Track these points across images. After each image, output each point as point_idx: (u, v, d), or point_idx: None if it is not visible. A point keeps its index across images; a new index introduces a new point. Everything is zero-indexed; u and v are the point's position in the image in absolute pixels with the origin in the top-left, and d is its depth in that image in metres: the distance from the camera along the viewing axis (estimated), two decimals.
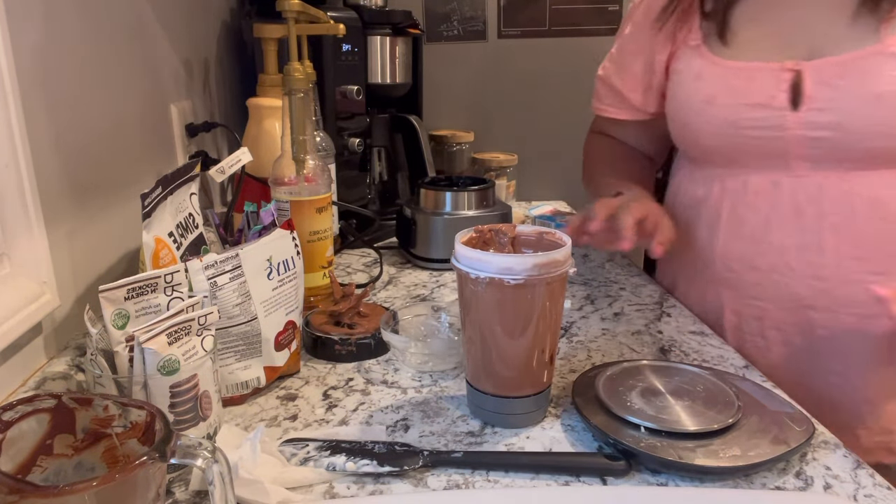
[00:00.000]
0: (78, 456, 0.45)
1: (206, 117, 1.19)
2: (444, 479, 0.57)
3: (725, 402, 0.62)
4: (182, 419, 0.55)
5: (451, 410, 0.68)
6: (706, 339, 0.84)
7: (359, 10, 1.21)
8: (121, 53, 0.86)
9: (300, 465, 0.58)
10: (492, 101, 1.61)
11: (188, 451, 0.42)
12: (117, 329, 0.56)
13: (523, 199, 1.61)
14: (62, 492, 0.36)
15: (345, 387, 0.73)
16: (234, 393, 0.69)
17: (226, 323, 0.66)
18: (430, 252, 1.09)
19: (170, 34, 1.03)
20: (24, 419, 0.43)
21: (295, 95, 0.85)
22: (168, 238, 0.69)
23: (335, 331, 0.79)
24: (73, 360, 0.67)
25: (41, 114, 0.67)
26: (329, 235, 0.90)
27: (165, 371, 0.54)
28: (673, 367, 0.69)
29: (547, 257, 0.59)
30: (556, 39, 1.57)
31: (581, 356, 0.79)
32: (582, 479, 0.57)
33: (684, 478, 0.57)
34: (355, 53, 1.20)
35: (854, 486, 0.56)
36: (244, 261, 0.67)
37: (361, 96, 1.19)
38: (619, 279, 1.05)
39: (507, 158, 1.49)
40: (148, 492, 0.40)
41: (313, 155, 0.88)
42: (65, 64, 0.72)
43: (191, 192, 0.78)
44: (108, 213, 0.82)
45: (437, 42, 1.56)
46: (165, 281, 0.59)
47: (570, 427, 0.65)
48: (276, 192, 0.87)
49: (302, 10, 0.88)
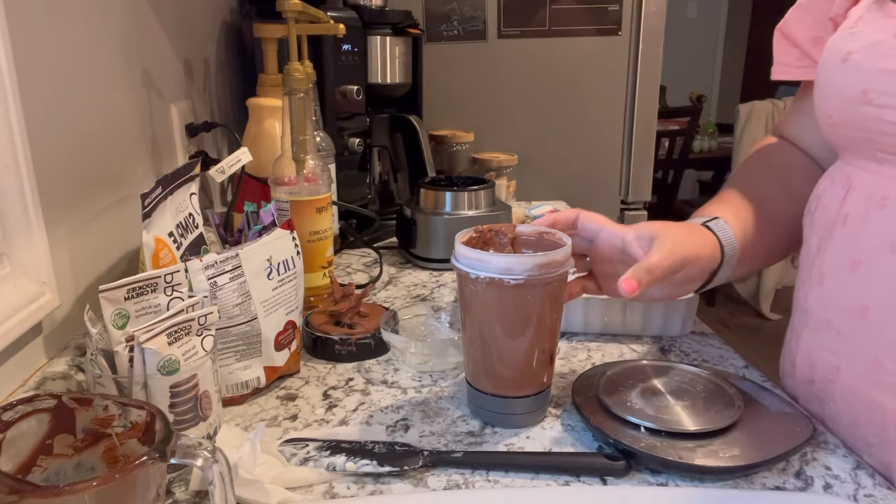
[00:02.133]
0: (78, 456, 0.45)
1: (206, 117, 1.19)
2: (444, 479, 0.57)
3: (725, 402, 0.62)
4: (182, 419, 0.55)
5: (451, 410, 0.68)
6: (706, 339, 0.84)
7: (359, 10, 1.21)
8: (121, 53, 0.86)
9: (300, 465, 0.58)
10: (492, 101, 1.61)
11: (188, 451, 0.42)
12: (117, 329, 0.56)
13: (523, 199, 1.61)
14: (62, 492, 0.36)
15: (345, 387, 0.73)
16: (234, 393, 0.69)
17: (226, 323, 0.66)
18: (430, 252, 1.09)
19: (170, 34, 1.03)
20: (24, 419, 0.43)
21: (295, 95, 0.85)
22: (168, 238, 0.69)
23: (335, 331, 0.79)
24: (73, 360, 0.67)
25: (41, 114, 0.67)
26: (329, 235, 0.90)
27: (165, 371, 0.54)
28: (673, 367, 0.69)
29: (547, 258, 0.59)
30: (556, 39, 1.57)
31: (581, 356, 0.79)
32: (582, 479, 0.57)
33: (684, 478, 0.57)
34: (355, 53, 1.20)
35: (854, 486, 0.56)
36: (244, 261, 0.67)
37: (361, 96, 1.19)
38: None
39: (507, 158, 1.49)
40: (148, 492, 0.40)
41: (313, 155, 0.88)
42: (65, 64, 0.72)
43: (191, 192, 0.78)
44: (108, 213, 0.82)
45: (437, 42, 1.56)
46: (165, 281, 0.59)
47: (570, 427, 0.65)
48: (276, 192, 0.87)
49: (302, 10, 0.88)
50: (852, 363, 0.61)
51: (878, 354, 0.58)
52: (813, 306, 0.65)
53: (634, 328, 0.84)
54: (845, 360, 0.61)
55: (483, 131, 1.60)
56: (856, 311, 0.59)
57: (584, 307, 0.83)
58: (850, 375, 0.61)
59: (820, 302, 0.64)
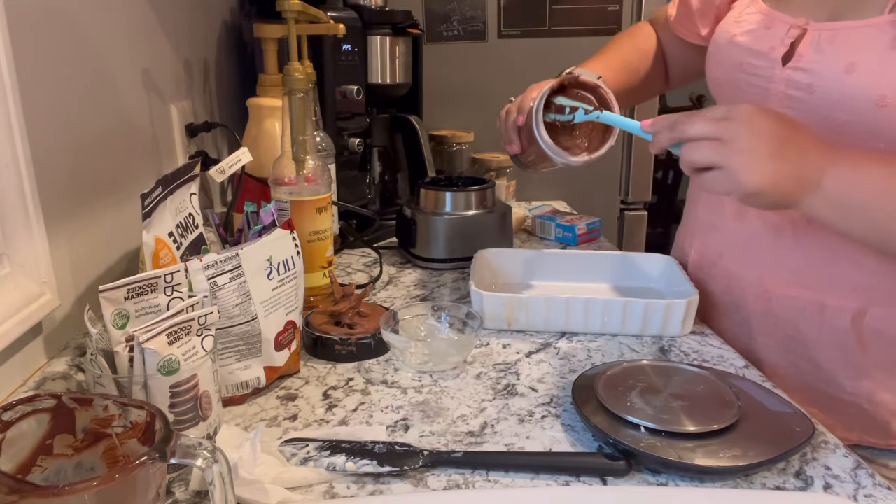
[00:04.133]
0: (78, 456, 0.45)
1: (206, 117, 1.19)
2: (444, 479, 0.57)
3: (725, 402, 0.62)
4: (182, 419, 0.55)
5: (451, 410, 0.68)
6: (706, 339, 0.84)
7: (359, 10, 1.21)
8: (121, 53, 0.86)
9: (300, 465, 0.58)
10: (492, 101, 1.60)
11: (188, 451, 0.42)
12: (117, 329, 0.56)
13: (523, 199, 1.61)
14: (62, 492, 0.36)
15: (345, 387, 0.73)
16: (234, 393, 0.69)
17: (226, 323, 0.66)
18: (430, 252, 1.09)
19: (170, 34, 1.03)
20: (24, 419, 0.43)
21: (295, 95, 0.85)
22: (168, 238, 0.69)
23: (335, 331, 0.79)
24: (73, 360, 0.67)
25: (41, 114, 0.67)
26: (329, 235, 0.90)
27: (165, 371, 0.54)
28: (673, 367, 0.69)
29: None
30: (556, 39, 1.57)
31: (581, 356, 0.79)
32: (582, 479, 0.57)
33: (684, 478, 0.57)
34: (355, 53, 1.20)
35: (854, 486, 0.56)
36: (244, 261, 0.67)
37: (361, 96, 1.19)
38: None
39: (507, 158, 1.49)
40: (148, 492, 0.40)
41: (313, 155, 0.88)
42: (65, 64, 0.72)
43: (191, 192, 0.78)
44: (108, 213, 0.82)
45: (437, 42, 1.56)
46: (165, 281, 0.59)
47: (570, 427, 0.65)
48: (276, 192, 0.87)
49: (302, 10, 0.88)
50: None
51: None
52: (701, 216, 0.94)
53: (634, 328, 0.84)
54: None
55: (483, 131, 1.59)
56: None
57: (585, 307, 0.83)
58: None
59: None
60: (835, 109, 0.71)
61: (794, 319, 0.79)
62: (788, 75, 0.75)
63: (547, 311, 0.84)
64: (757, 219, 0.82)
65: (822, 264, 0.77)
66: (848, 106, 0.70)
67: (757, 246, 0.83)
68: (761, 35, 0.80)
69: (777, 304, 0.81)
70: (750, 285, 0.83)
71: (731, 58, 0.83)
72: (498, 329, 0.86)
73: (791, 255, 0.79)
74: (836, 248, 0.75)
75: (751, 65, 0.80)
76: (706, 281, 0.90)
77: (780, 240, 0.80)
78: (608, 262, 1.00)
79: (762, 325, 0.83)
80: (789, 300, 0.79)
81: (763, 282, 0.82)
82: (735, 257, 0.86)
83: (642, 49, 1.05)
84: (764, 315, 0.83)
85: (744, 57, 0.81)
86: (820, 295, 0.77)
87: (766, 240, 0.81)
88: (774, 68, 0.77)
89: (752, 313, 0.84)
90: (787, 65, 0.76)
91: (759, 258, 0.82)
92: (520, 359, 0.79)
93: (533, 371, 0.76)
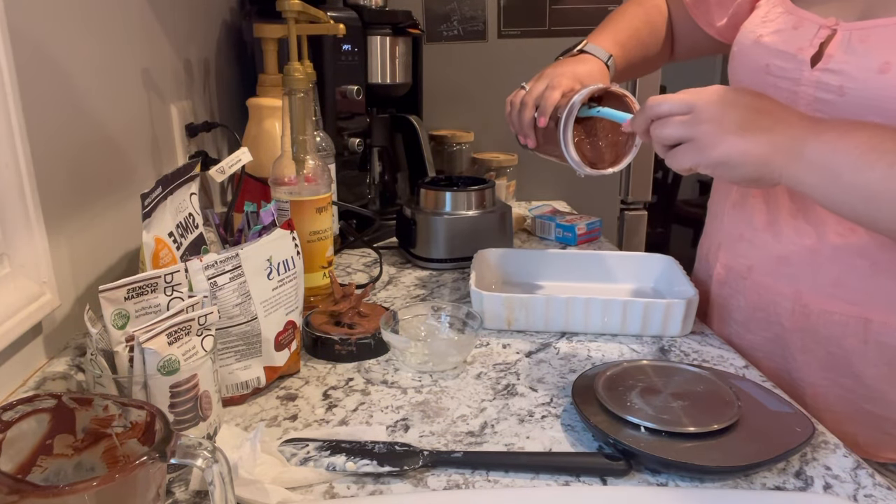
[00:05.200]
0: (78, 456, 0.45)
1: (206, 117, 1.19)
2: (444, 479, 0.57)
3: (725, 402, 0.62)
4: (182, 419, 0.55)
5: (451, 410, 0.68)
6: (706, 339, 0.84)
7: (359, 10, 1.21)
8: (121, 53, 0.86)
9: (300, 465, 0.58)
10: (492, 101, 1.61)
11: (188, 451, 0.42)
12: (117, 329, 0.56)
13: (523, 199, 1.61)
14: (62, 492, 0.36)
15: (345, 387, 0.73)
16: (234, 393, 0.69)
17: (226, 323, 0.66)
18: (430, 252, 1.09)
19: (170, 34, 1.03)
20: (24, 419, 0.43)
21: (295, 95, 0.85)
22: (168, 238, 0.69)
23: (335, 331, 0.79)
24: (73, 360, 0.67)
25: (41, 114, 0.67)
26: (329, 235, 0.90)
27: (165, 371, 0.54)
28: (673, 367, 0.69)
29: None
30: (556, 39, 1.57)
31: (581, 356, 0.79)
32: (582, 479, 0.57)
33: (684, 478, 0.57)
34: (355, 53, 1.20)
35: (854, 486, 0.56)
36: (244, 261, 0.67)
37: (361, 96, 1.19)
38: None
39: (507, 158, 1.49)
40: (148, 492, 0.40)
41: (313, 155, 0.88)
42: (65, 64, 0.72)
43: (191, 192, 0.78)
44: (108, 213, 0.82)
45: (437, 42, 1.56)
46: (165, 281, 0.59)
47: (570, 427, 0.65)
48: (276, 192, 0.87)
49: (302, 10, 0.88)
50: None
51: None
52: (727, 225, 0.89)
53: (634, 328, 0.84)
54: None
55: (483, 131, 1.60)
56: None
57: (585, 307, 0.83)
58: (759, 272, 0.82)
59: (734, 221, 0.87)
60: (867, 111, 0.68)
61: (837, 336, 0.74)
62: (818, 77, 0.72)
63: (547, 311, 0.84)
64: (791, 228, 0.77)
65: (863, 276, 0.72)
66: (881, 107, 0.67)
67: (791, 258, 0.77)
68: (789, 36, 0.76)
69: (817, 319, 0.75)
70: (785, 300, 0.78)
71: (757, 59, 0.79)
72: (498, 329, 0.86)
73: (830, 268, 0.74)
74: (877, 259, 0.70)
75: (778, 66, 0.76)
76: (733, 296, 0.86)
77: (816, 251, 0.75)
78: (608, 262, 1.00)
79: (801, 342, 0.77)
80: (830, 315, 0.74)
81: (800, 297, 0.76)
82: (768, 271, 0.80)
83: (652, 22, 1.01)
84: (802, 332, 0.77)
85: (770, 58, 0.77)
86: (863, 310, 0.72)
87: (802, 251, 0.76)
88: (803, 70, 0.73)
89: (788, 330, 0.78)
90: (815, 66, 0.72)
91: (795, 271, 0.77)
92: (520, 359, 0.79)
93: (533, 371, 0.76)
